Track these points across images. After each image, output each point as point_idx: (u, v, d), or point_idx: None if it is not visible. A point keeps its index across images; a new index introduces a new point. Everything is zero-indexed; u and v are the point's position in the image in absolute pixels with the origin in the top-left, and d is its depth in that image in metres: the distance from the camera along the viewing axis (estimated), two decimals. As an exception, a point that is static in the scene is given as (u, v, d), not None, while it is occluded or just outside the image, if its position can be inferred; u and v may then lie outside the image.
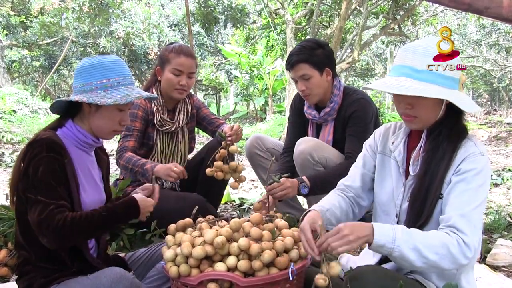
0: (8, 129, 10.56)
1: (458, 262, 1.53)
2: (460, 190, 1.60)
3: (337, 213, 1.88)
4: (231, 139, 2.70)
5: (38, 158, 1.72)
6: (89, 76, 1.83)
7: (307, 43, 2.95)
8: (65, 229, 1.67)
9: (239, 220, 1.82)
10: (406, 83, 1.60)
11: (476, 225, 1.56)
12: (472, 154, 1.62)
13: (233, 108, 26.65)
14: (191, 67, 2.96)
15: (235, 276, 1.67)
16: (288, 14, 12.36)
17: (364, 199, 1.96)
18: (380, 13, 13.29)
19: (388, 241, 1.52)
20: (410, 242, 1.52)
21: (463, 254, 1.52)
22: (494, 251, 2.81)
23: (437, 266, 1.53)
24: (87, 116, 1.87)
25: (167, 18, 20.23)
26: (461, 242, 1.53)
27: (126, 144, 2.90)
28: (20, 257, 1.84)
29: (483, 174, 1.61)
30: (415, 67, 1.61)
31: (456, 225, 1.55)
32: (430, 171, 1.66)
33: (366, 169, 1.95)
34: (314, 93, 2.93)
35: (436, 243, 1.52)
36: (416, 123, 1.70)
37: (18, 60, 20.58)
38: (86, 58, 1.89)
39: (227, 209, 4.21)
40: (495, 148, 9.92)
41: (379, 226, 1.55)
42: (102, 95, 1.81)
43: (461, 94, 1.63)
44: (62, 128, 1.86)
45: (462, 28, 19.54)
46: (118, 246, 2.77)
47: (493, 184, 5.29)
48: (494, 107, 24.19)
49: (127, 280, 1.71)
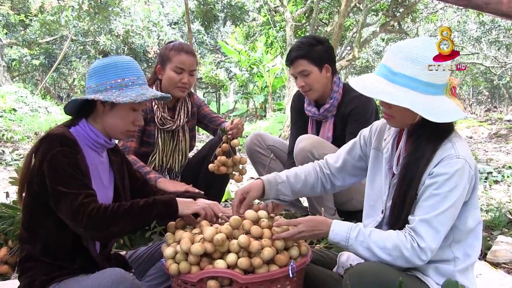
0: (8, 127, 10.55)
1: (412, 263, 1.60)
2: (428, 194, 1.61)
3: (297, 186, 2.01)
4: (232, 132, 2.70)
5: (53, 153, 1.73)
6: (103, 76, 1.84)
7: (306, 39, 2.95)
8: (100, 218, 1.69)
9: (239, 218, 1.82)
10: (378, 84, 1.62)
11: (438, 230, 1.58)
12: (448, 157, 1.60)
13: (233, 106, 26.63)
14: (192, 64, 2.95)
15: (235, 273, 1.67)
16: (287, 12, 12.34)
17: (339, 179, 2.05)
18: (379, 10, 13.26)
19: (342, 239, 1.67)
20: (364, 243, 1.63)
21: (417, 257, 1.58)
22: (495, 248, 2.81)
23: (391, 263, 1.61)
24: (100, 115, 1.89)
25: (167, 16, 20.21)
26: (416, 246, 1.57)
27: (128, 144, 2.90)
28: (22, 251, 1.84)
29: (455, 179, 1.58)
30: (392, 69, 1.61)
31: (416, 229, 1.59)
32: (409, 174, 1.66)
33: (351, 156, 2.01)
34: (314, 89, 2.93)
35: (390, 246, 1.60)
36: (394, 122, 1.72)
37: (18, 59, 20.58)
38: (99, 59, 1.91)
39: (227, 206, 4.21)
40: (496, 145, 9.93)
41: (337, 226, 1.69)
42: (117, 94, 1.82)
43: (439, 101, 1.60)
44: (75, 126, 1.88)
45: (462, 25, 19.49)
46: (119, 244, 2.77)
47: (493, 181, 5.30)
48: (495, 104, 24.18)
49: (128, 281, 1.70)
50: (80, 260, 1.83)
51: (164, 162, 3.05)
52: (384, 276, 1.55)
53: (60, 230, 1.78)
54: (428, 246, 1.57)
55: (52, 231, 1.78)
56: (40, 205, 1.77)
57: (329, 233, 1.69)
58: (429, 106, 1.57)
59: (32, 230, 1.81)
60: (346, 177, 2.04)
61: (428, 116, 1.56)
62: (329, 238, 1.69)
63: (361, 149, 1.98)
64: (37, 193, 1.77)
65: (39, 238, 1.79)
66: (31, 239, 1.81)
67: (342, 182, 2.05)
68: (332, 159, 2.05)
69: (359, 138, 2.00)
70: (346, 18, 12.12)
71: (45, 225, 1.78)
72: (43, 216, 1.78)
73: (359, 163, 2.01)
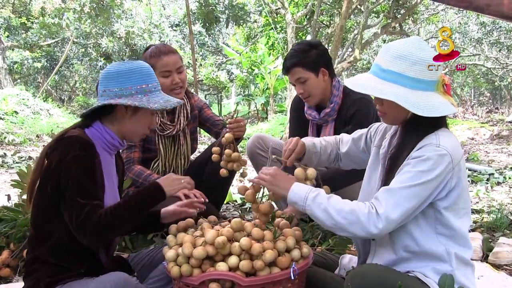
0: (10, 130, 10.58)
1: (367, 230, 1.59)
2: (401, 172, 1.63)
3: (323, 158, 2.11)
4: (230, 126, 2.64)
5: (71, 156, 1.74)
6: (128, 81, 1.85)
7: (299, 46, 2.95)
8: (101, 228, 1.72)
9: (240, 220, 1.82)
10: (368, 81, 1.69)
11: (399, 202, 1.58)
12: (428, 144, 1.63)
13: (234, 108, 26.64)
14: (176, 62, 2.90)
15: (236, 276, 1.67)
16: (289, 14, 12.35)
17: (343, 162, 2.15)
18: (381, 12, 13.27)
19: (300, 199, 1.69)
20: (322, 204, 1.65)
21: (373, 223, 1.58)
22: (496, 249, 2.80)
23: (346, 230, 1.62)
24: (119, 120, 1.90)
25: (168, 18, 20.24)
26: (373, 212, 1.59)
27: (132, 155, 2.89)
28: (31, 252, 1.85)
29: (431, 163, 1.58)
30: (382, 66, 1.67)
31: (378, 196, 1.62)
32: (394, 163, 1.70)
33: (356, 146, 2.08)
34: (312, 94, 2.93)
35: (347, 209, 1.62)
36: (387, 119, 1.77)
37: (19, 62, 20.64)
38: (118, 63, 1.91)
39: (229, 209, 4.21)
40: (497, 146, 9.91)
41: (297, 186, 1.73)
42: (145, 99, 1.86)
43: (428, 96, 1.63)
44: (89, 128, 1.88)
45: (463, 26, 19.48)
46: (121, 246, 2.77)
47: (495, 183, 5.29)
48: (496, 106, 24.14)
49: (131, 285, 1.72)
50: (87, 264, 1.84)
51: (166, 167, 3.05)
52: (385, 278, 1.56)
53: (68, 233, 1.78)
54: (385, 213, 1.57)
55: (63, 232, 1.79)
56: (53, 206, 1.78)
57: (289, 192, 1.71)
58: (415, 100, 1.61)
59: (43, 230, 1.82)
60: (350, 162, 2.14)
61: (412, 109, 1.60)
62: (288, 198, 1.72)
63: (366, 143, 2.04)
64: (51, 194, 1.77)
65: (50, 239, 1.80)
66: (41, 239, 1.82)
67: (346, 165, 2.16)
68: (343, 142, 2.14)
69: (367, 131, 2.06)
70: (347, 19, 12.13)
71: (57, 226, 1.79)
72: (55, 216, 1.79)
73: (362, 155, 2.07)
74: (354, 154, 2.09)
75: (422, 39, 1.72)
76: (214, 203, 3.05)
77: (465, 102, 22.59)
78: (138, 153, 2.91)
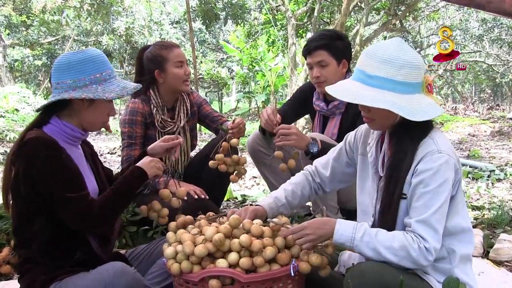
0: (11, 127, 10.56)
1: (419, 264, 1.59)
2: (419, 194, 1.61)
3: (295, 203, 2.07)
4: (233, 131, 2.69)
5: (41, 159, 1.72)
6: (81, 71, 1.81)
7: (328, 32, 2.96)
8: (106, 212, 1.82)
9: (238, 217, 1.82)
10: (355, 88, 1.64)
11: (436, 229, 1.59)
12: (430, 153, 1.62)
13: (235, 105, 26.61)
14: (184, 55, 2.98)
15: (236, 273, 1.67)
16: (289, 11, 12.33)
17: (328, 187, 2.10)
18: (381, 9, 13.24)
19: (347, 240, 1.63)
20: (370, 243, 1.60)
21: (424, 257, 1.57)
22: (497, 246, 2.80)
23: (396, 264, 1.59)
24: (77, 112, 1.87)
25: (168, 15, 20.22)
26: (422, 247, 1.57)
27: (132, 153, 2.88)
28: (20, 256, 1.85)
29: (441, 174, 1.59)
30: (368, 72, 1.63)
31: (417, 231, 1.59)
32: (394, 174, 1.68)
33: (338, 163, 2.04)
34: (328, 81, 2.90)
35: (397, 246, 1.58)
36: (374, 125, 1.75)
37: (20, 59, 20.62)
38: (69, 53, 1.86)
39: (229, 206, 4.21)
40: (498, 143, 9.90)
41: (341, 226, 1.65)
42: (100, 89, 1.82)
43: (417, 99, 1.62)
44: (47, 125, 1.85)
45: (464, 23, 19.45)
46: (121, 243, 2.78)
47: (495, 179, 5.28)
48: (497, 102, 24.12)
49: (129, 274, 1.72)
50: (79, 253, 1.84)
51: (166, 163, 3.04)
52: (385, 275, 1.56)
53: (53, 230, 1.79)
54: (432, 246, 1.57)
55: (45, 233, 1.79)
56: (29, 210, 1.78)
57: (334, 233, 1.65)
58: (407, 105, 1.59)
59: (25, 235, 1.81)
60: (336, 183, 2.10)
61: (409, 116, 1.58)
62: (334, 239, 1.66)
63: (347, 155, 2.01)
64: (25, 199, 1.77)
65: (34, 242, 1.79)
66: (25, 244, 1.81)
67: (332, 187, 2.12)
68: (321, 167, 2.09)
69: (345, 144, 2.03)
70: (348, 17, 12.10)
71: (37, 228, 1.79)
72: (33, 220, 1.79)
73: (348, 169, 2.04)
74: (339, 173, 2.06)
75: (403, 40, 1.69)
76: (214, 200, 3.05)
77: (466, 99, 22.57)
78: (138, 151, 2.90)
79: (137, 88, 1.94)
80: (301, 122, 11.21)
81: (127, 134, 2.90)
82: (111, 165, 6.94)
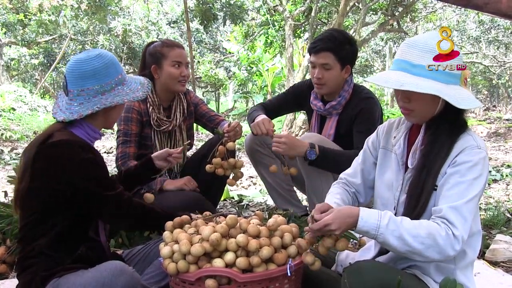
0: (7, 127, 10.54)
1: (445, 253, 1.53)
2: (453, 182, 1.59)
3: None
4: (229, 135, 2.70)
5: (76, 161, 1.78)
6: (106, 76, 1.87)
7: (339, 34, 2.91)
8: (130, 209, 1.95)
9: (235, 216, 1.81)
10: (400, 77, 1.61)
11: (466, 218, 1.55)
12: (469, 147, 1.62)
13: (232, 105, 26.60)
14: (186, 57, 2.99)
15: (233, 272, 1.67)
16: (287, 11, 12.33)
17: (362, 196, 1.99)
18: (378, 9, 13.26)
19: (372, 228, 1.54)
20: (396, 231, 1.53)
21: (451, 246, 1.52)
22: (493, 246, 2.81)
23: (421, 255, 1.54)
24: (101, 114, 1.91)
25: (166, 15, 20.19)
26: (450, 234, 1.52)
27: (127, 150, 2.88)
28: (21, 252, 1.85)
29: (479, 168, 1.59)
30: (412, 62, 1.62)
31: (447, 217, 1.54)
32: (428, 164, 1.65)
33: (366, 165, 1.97)
34: (328, 84, 2.90)
35: (424, 234, 1.52)
36: (413, 117, 1.71)
37: (17, 58, 20.55)
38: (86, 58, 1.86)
39: (226, 205, 4.21)
40: (495, 144, 9.93)
41: (366, 213, 1.56)
42: (126, 89, 1.92)
43: (459, 90, 1.62)
44: (74, 127, 1.89)
45: (461, 24, 19.50)
46: (117, 243, 2.76)
47: (492, 180, 5.30)
48: (494, 103, 24.19)
49: (128, 273, 1.73)
50: (83, 248, 1.86)
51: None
52: (383, 275, 1.55)
53: (65, 225, 1.81)
54: (461, 234, 1.52)
55: (57, 228, 1.81)
56: (48, 206, 1.80)
57: (358, 221, 1.55)
58: (454, 94, 1.59)
59: (35, 230, 1.82)
60: (368, 191, 1.99)
61: (456, 103, 1.56)
62: (358, 227, 1.56)
63: (372, 155, 1.96)
64: (45, 197, 1.80)
65: (43, 236, 1.80)
66: (33, 239, 1.81)
67: (365, 199, 2.01)
68: (351, 176, 2.00)
69: (367, 146, 1.98)
70: (345, 17, 12.11)
71: (51, 223, 1.80)
72: (49, 216, 1.81)
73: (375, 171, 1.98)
74: (369, 179, 1.97)
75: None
76: (211, 200, 3.05)
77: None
78: (133, 148, 2.90)
79: (149, 82, 2.06)
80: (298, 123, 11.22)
81: (123, 132, 2.90)
82: (108, 164, 6.92)
